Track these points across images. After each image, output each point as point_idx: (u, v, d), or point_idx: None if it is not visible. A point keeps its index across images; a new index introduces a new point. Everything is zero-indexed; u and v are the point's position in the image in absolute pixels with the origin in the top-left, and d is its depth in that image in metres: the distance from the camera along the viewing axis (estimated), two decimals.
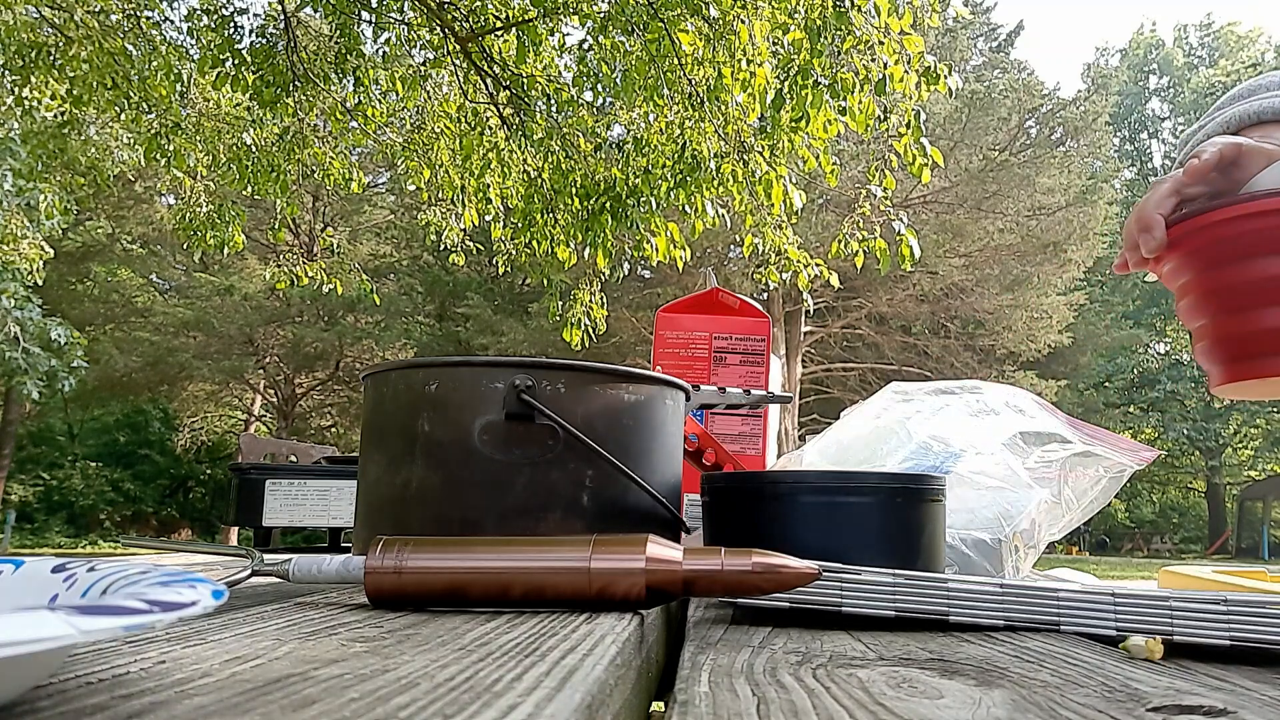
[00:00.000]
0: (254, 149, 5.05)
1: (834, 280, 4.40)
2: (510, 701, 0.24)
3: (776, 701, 0.31)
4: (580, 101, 4.70)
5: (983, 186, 14.50)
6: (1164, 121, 26.01)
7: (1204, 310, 0.69)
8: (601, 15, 4.16)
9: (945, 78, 3.60)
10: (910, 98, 3.65)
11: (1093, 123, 15.97)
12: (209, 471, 19.88)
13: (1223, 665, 0.42)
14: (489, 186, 5.00)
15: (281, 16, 4.62)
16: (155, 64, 4.94)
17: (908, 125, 3.72)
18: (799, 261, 4.40)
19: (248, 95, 4.57)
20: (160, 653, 0.32)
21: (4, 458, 15.53)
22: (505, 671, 0.29)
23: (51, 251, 8.62)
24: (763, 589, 0.46)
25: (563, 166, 4.44)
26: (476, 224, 5.39)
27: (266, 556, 0.55)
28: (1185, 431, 20.16)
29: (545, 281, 5.05)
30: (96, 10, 4.90)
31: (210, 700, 0.24)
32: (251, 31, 4.74)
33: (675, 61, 3.95)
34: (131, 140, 6.24)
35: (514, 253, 5.24)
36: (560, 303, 5.04)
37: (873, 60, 3.60)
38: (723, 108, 4.04)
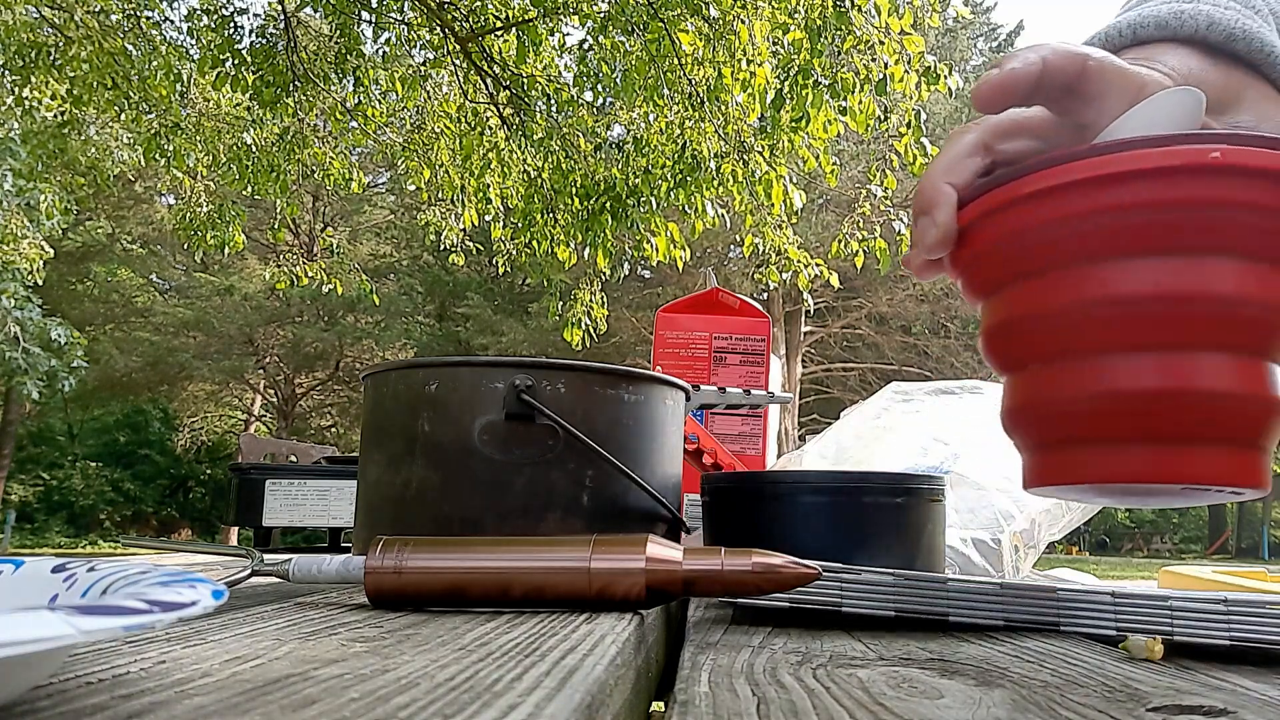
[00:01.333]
0: (254, 149, 5.05)
1: (834, 280, 4.41)
2: (510, 701, 0.24)
3: (777, 701, 0.31)
4: (580, 101, 4.70)
5: None
6: None
7: (1011, 353, 0.43)
8: (601, 15, 4.17)
9: (945, 78, 3.60)
10: (910, 98, 3.65)
11: None
12: (209, 471, 19.87)
13: (1223, 665, 0.42)
14: (489, 186, 5.00)
15: (281, 16, 4.62)
16: (155, 64, 4.95)
17: (908, 125, 3.72)
18: (799, 261, 4.40)
19: (248, 95, 4.57)
20: (160, 653, 0.32)
21: (4, 458, 15.53)
22: (505, 671, 0.29)
23: (51, 251, 8.62)
24: (763, 589, 0.46)
25: (563, 166, 4.45)
26: (476, 224, 5.39)
27: (266, 556, 0.55)
28: None
29: (545, 281, 5.05)
30: (96, 10, 4.90)
31: (210, 700, 0.24)
32: (251, 31, 4.74)
33: (675, 61, 3.95)
34: (131, 140, 6.25)
35: (514, 253, 5.24)
36: (560, 303, 5.05)
37: (873, 60, 3.60)
38: (723, 108, 4.04)
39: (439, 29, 4.63)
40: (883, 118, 3.78)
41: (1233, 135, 0.37)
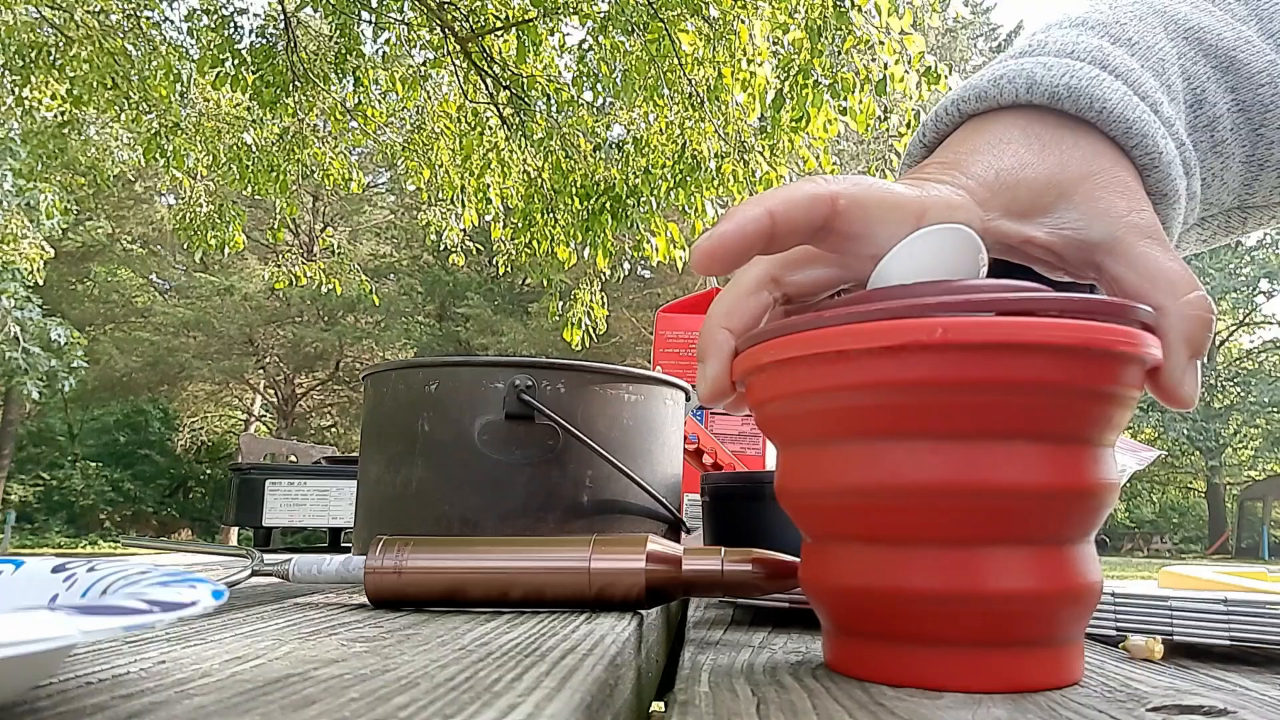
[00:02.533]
0: (254, 149, 5.05)
1: None
2: (510, 701, 0.24)
3: (776, 702, 0.31)
4: (580, 101, 4.70)
5: None
6: None
7: (796, 518, 0.39)
8: (601, 15, 4.16)
9: (945, 78, 3.60)
10: (910, 98, 3.65)
11: None
12: (209, 471, 19.88)
13: (1223, 665, 0.42)
14: (489, 186, 5.00)
15: (281, 16, 4.62)
16: (155, 64, 4.95)
17: (908, 125, 3.72)
18: None
19: (248, 95, 4.58)
20: (160, 653, 0.32)
21: (4, 458, 15.54)
22: (505, 672, 0.29)
23: (51, 251, 8.62)
24: (763, 589, 0.46)
25: (563, 166, 4.45)
26: (476, 224, 5.39)
27: (266, 556, 0.55)
28: (1185, 432, 20.17)
29: (545, 281, 5.05)
30: (96, 10, 4.90)
31: (210, 700, 0.24)
32: (251, 31, 4.74)
33: (675, 61, 3.95)
34: (131, 140, 6.25)
35: (514, 253, 5.24)
36: (560, 303, 5.05)
37: (873, 60, 3.60)
38: (723, 107, 4.04)
39: (439, 29, 4.63)
40: (883, 118, 3.78)
41: (964, 302, 0.33)
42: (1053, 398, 0.33)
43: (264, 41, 4.66)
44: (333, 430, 18.57)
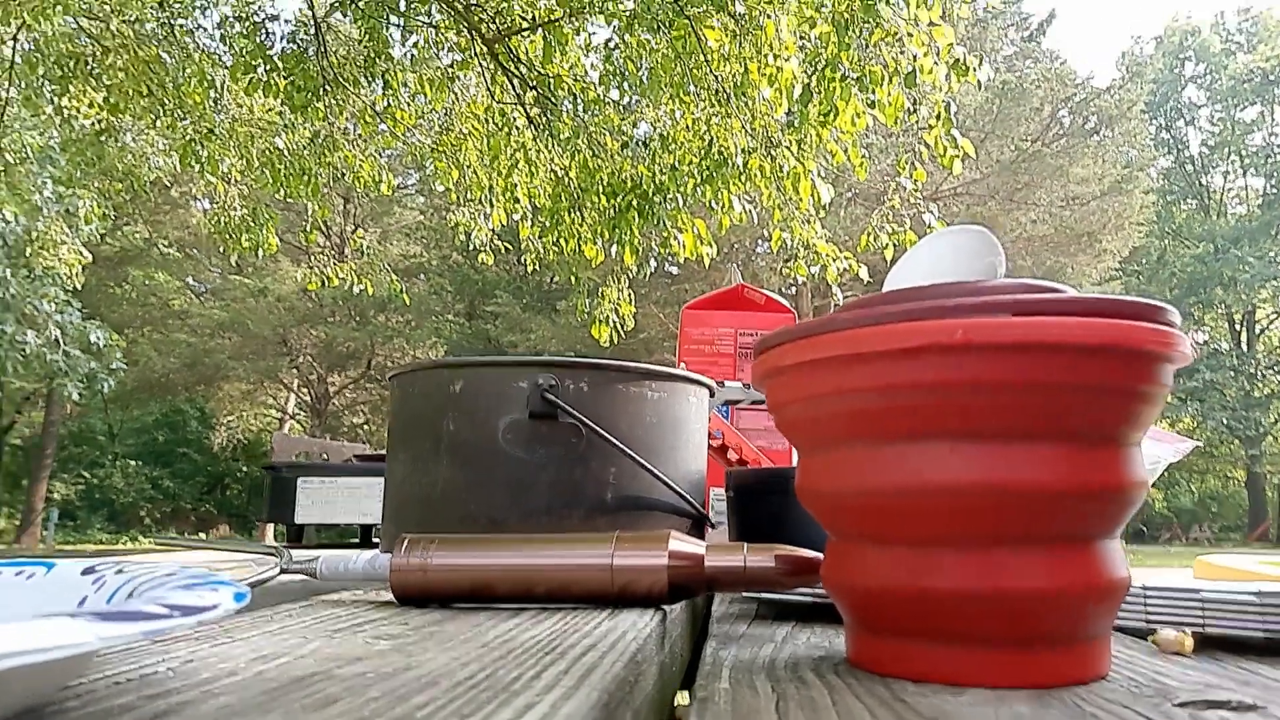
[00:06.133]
0: (286, 153, 5.10)
1: (863, 274, 4.37)
2: (527, 700, 0.25)
3: (796, 698, 0.31)
4: (606, 100, 4.70)
5: (1015, 178, 14.33)
6: (1201, 109, 25.53)
7: (819, 517, 0.40)
8: (627, 14, 4.16)
9: (975, 70, 3.55)
10: (939, 90, 3.61)
11: (1128, 111, 15.72)
12: (245, 469, 20.16)
13: (1256, 659, 0.42)
14: (517, 186, 5.01)
15: (311, 22, 4.67)
16: (189, 71, 5.01)
17: (938, 117, 3.67)
18: (827, 256, 4.37)
19: (279, 100, 4.62)
20: (188, 651, 0.32)
21: (47, 457, 15.85)
22: (525, 669, 0.29)
23: (90, 256, 8.74)
24: (785, 585, 0.46)
25: (589, 165, 4.45)
26: (505, 223, 5.41)
27: (295, 554, 0.56)
28: (1225, 420, 19.78)
29: (573, 279, 5.06)
30: (132, 20, 4.98)
31: (235, 700, 0.25)
32: (282, 38, 4.79)
33: (701, 58, 3.93)
34: (167, 146, 6.33)
35: (542, 251, 5.25)
36: (588, 300, 5.05)
37: (901, 52, 3.56)
38: (750, 103, 4.02)
39: (466, 31, 4.65)
40: (911, 110, 3.74)
41: (983, 304, 0.33)
42: (1077, 398, 0.33)
43: (295, 47, 4.71)
44: (364, 428, 18.75)
